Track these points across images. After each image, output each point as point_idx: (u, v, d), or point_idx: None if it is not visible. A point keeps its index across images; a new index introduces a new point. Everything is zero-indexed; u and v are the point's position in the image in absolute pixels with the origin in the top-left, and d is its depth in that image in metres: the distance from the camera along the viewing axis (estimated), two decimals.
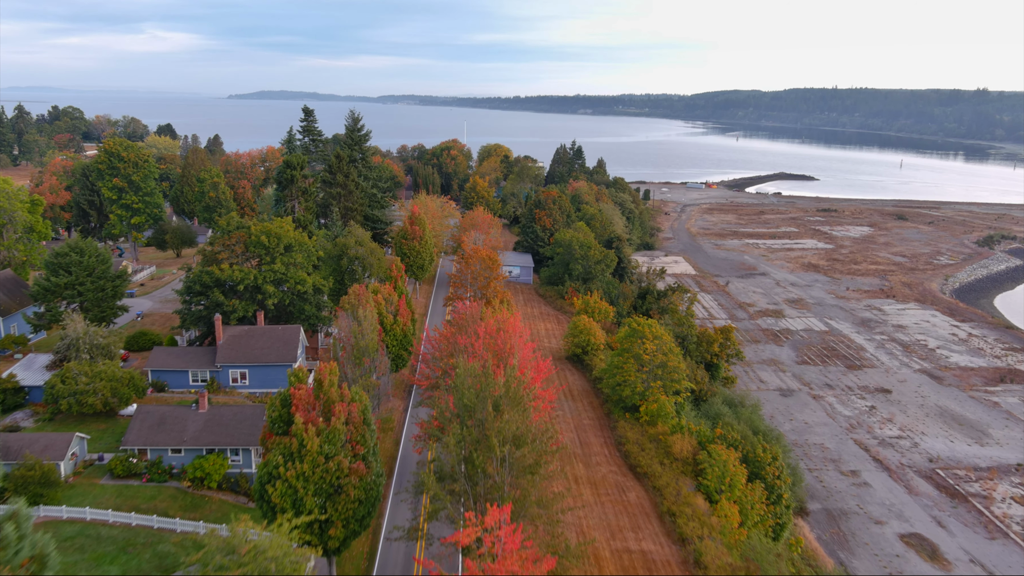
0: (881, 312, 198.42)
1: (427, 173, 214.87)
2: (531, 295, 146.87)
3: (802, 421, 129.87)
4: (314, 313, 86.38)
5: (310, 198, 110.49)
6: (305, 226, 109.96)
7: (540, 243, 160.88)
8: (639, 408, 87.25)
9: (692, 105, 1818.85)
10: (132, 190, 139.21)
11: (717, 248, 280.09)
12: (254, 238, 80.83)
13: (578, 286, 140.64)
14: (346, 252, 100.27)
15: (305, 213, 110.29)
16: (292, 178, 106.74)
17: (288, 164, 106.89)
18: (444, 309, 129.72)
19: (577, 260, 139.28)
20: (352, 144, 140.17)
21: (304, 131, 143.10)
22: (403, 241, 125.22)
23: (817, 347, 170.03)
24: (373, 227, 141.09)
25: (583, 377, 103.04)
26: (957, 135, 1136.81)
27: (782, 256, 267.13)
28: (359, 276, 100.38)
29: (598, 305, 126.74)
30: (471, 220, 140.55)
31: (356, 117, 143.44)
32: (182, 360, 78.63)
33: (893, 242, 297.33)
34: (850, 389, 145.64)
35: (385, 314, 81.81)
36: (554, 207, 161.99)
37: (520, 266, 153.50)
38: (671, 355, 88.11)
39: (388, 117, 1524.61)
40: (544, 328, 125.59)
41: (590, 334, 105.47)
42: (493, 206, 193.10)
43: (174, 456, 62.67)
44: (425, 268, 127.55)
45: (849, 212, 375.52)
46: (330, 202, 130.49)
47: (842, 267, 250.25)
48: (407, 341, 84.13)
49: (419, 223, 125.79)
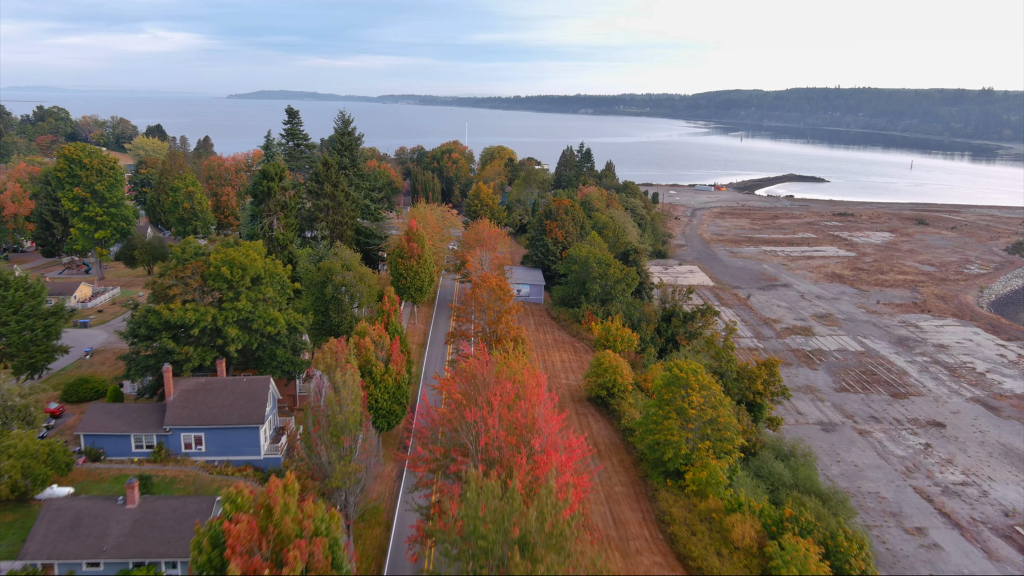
0: (918, 329, 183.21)
1: (426, 179, 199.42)
2: (543, 317, 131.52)
3: (851, 463, 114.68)
4: (289, 358, 71.22)
5: (291, 213, 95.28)
6: (284, 246, 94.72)
7: (551, 257, 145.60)
8: (683, 474, 72.03)
9: (694, 105, 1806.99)
10: (96, 201, 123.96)
11: (733, 256, 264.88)
12: (213, 270, 65.79)
13: (595, 308, 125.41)
14: (331, 278, 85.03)
15: (285, 230, 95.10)
16: (269, 190, 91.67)
17: (264, 175, 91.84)
18: (445, 334, 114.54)
19: (594, 279, 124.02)
20: (342, 149, 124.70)
21: (288, 135, 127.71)
22: (399, 260, 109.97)
23: (855, 371, 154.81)
24: (366, 242, 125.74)
25: (609, 425, 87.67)
26: (964, 135, 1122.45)
27: (803, 265, 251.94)
28: (346, 307, 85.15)
29: (620, 333, 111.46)
30: (475, 234, 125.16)
31: (346, 119, 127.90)
32: (123, 421, 63.65)
33: (918, 249, 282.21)
34: (899, 423, 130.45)
35: (374, 361, 66.69)
36: (566, 218, 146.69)
37: (530, 284, 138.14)
38: (721, 408, 72.80)
39: (388, 117, 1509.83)
40: (560, 360, 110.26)
41: (616, 373, 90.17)
42: (498, 215, 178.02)
43: (91, 571, 47.55)
44: (424, 290, 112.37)
45: (867, 216, 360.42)
46: (317, 215, 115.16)
47: (868, 277, 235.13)
48: (401, 393, 68.98)
49: (417, 240, 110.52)
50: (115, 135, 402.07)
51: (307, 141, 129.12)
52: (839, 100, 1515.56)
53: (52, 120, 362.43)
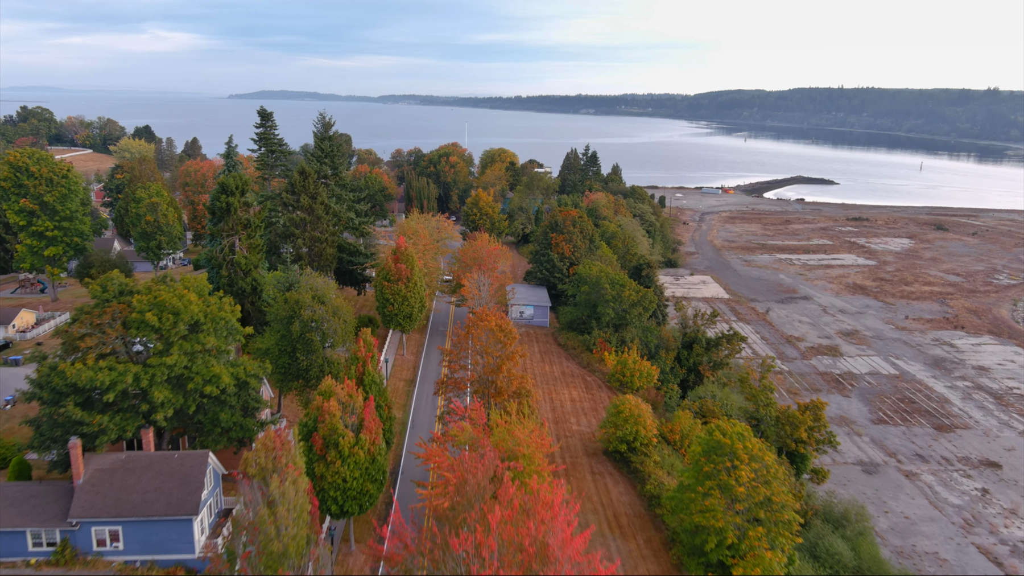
0: (954, 348, 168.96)
1: (421, 186, 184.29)
2: (548, 344, 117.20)
3: (900, 514, 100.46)
4: (238, 421, 57.00)
5: (256, 232, 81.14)
6: (248, 271, 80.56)
7: (557, 274, 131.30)
8: (729, 566, 57.80)
9: (696, 105, 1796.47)
10: (46, 214, 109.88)
11: (747, 265, 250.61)
12: (136, 316, 51.81)
13: (608, 334, 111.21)
14: (298, 313, 70.89)
15: (249, 253, 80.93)
16: (229, 207, 77.59)
17: (223, 188, 77.71)
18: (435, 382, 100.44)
19: (607, 302, 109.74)
20: (322, 156, 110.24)
21: (260, 140, 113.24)
22: (385, 284, 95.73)
23: (891, 398, 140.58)
24: (350, 261, 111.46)
25: (631, 488, 73.37)
26: (971, 135, 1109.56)
27: (822, 275, 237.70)
28: (316, 347, 70.98)
29: (638, 367, 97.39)
30: (472, 251, 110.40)
31: (327, 121, 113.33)
32: (17, 511, 49.67)
33: (940, 257, 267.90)
34: (948, 462, 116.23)
35: (341, 431, 52.66)
36: (574, 230, 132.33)
37: (534, 304, 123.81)
38: (775, 483, 58.57)
39: (388, 117, 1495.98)
40: (569, 399, 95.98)
41: (638, 423, 75.94)
42: (498, 224, 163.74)
43: None
44: (414, 317, 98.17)
45: (882, 221, 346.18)
46: (292, 231, 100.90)
47: (892, 288, 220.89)
48: (377, 468, 54.91)
49: (406, 260, 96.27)
50: (102, 136, 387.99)
51: (282, 147, 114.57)
52: (843, 100, 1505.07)
53: (35, 121, 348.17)
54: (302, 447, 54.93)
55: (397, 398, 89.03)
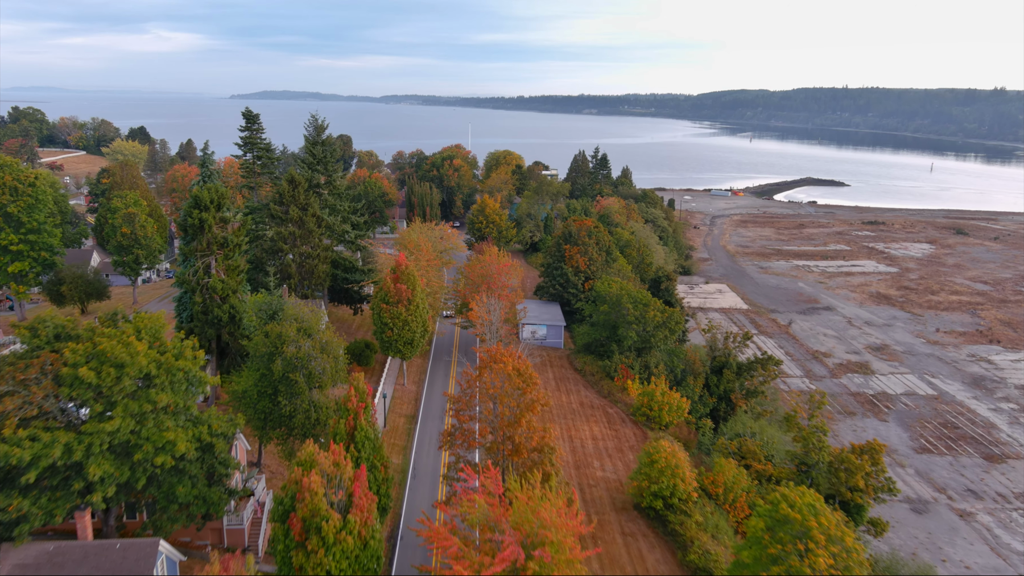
0: (992, 365, 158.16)
1: (423, 191, 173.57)
2: (564, 369, 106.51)
3: (960, 564, 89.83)
4: (201, 494, 46.24)
5: (234, 252, 70.61)
6: (225, 297, 70.07)
7: (572, 289, 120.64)
8: None
9: (699, 105, 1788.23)
10: (10, 226, 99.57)
11: (764, 272, 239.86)
12: (68, 371, 41.40)
13: (631, 359, 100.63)
14: (280, 349, 60.43)
15: (228, 276, 70.43)
16: (202, 224, 67.15)
17: (196, 203, 67.24)
18: (444, 398, 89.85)
19: (629, 323, 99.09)
20: (313, 163, 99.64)
21: (246, 144, 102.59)
22: (384, 307, 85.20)
23: (932, 423, 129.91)
24: (345, 278, 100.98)
25: (669, 555, 62.69)
26: (978, 136, 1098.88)
27: (843, 283, 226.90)
28: (301, 389, 60.46)
29: (666, 400, 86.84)
30: (480, 268, 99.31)
31: (319, 124, 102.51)
32: None
33: (964, 264, 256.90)
34: (1004, 499, 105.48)
35: (325, 512, 42.25)
36: (589, 241, 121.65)
37: (547, 323, 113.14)
38: (857, 568, 48.05)
39: (390, 117, 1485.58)
40: (590, 436, 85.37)
41: (676, 475, 65.29)
42: (506, 232, 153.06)
43: None
44: (415, 343, 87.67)
45: (899, 225, 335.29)
46: (281, 246, 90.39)
47: (918, 298, 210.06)
48: (370, 555, 44.37)
49: (406, 279, 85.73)
50: (95, 137, 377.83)
51: (270, 152, 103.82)
52: (847, 100, 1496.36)
53: (26, 122, 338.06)
54: (277, 530, 44.51)
55: (396, 439, 78.50)
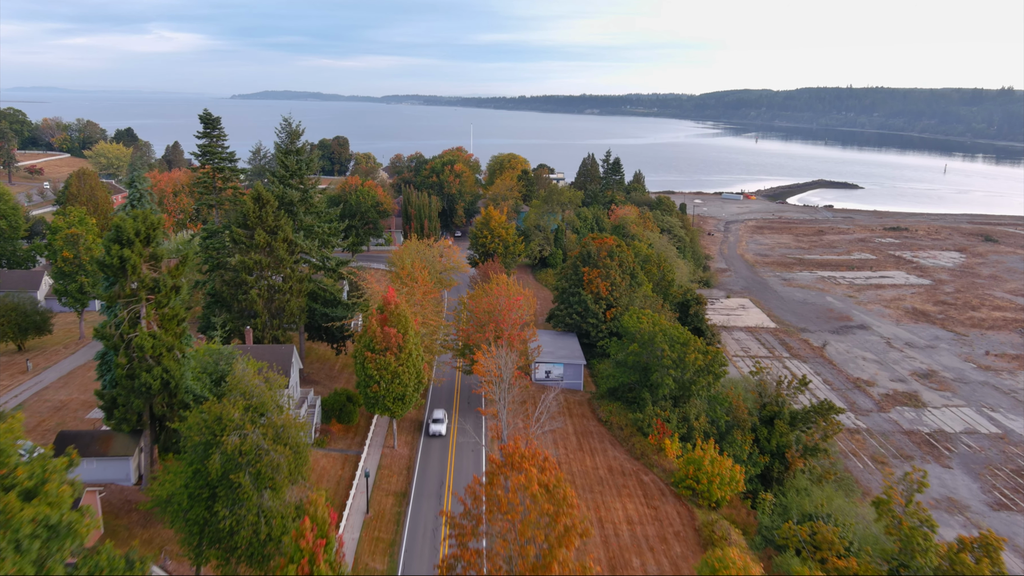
0: None
1: (421, 202, 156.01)
2: (586, 420, 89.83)
3: None
4: None
5: (171, 296, 54.01)
6: (158, 358, 53.62)
7: (591, 319, 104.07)
8: None
9: (702, 105, 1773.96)
10: None
11: (787, 284, 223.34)
12: None
13: (667, 410, 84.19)
14: (219, 440, 44.24)
15: (164, 329, 54.10)
16: (123, 263, 50.52)
17: (116, 236, 50.40)
18: (442, 464, 73.54)
19: (665, 368, 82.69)
20: (286, 176, 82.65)
21: (204, 154, 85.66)
22: (369, 355, 68.80)
23: (1003, 470, 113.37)
24: (325, 315, 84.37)
25: None
26: (987, 136, 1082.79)
27: (874, 297, 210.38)
28: (248, 495, 44.19)
29: (717, 468, 70.55)
30: (487, 303, 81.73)
31: (294, 130, 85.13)
32: None
33: (1001, 275, 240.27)
34: None
35: None
36: (611, 263, 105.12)
37: (565, 361, 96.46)
38: None
39: (391, 118, 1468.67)
40: (624, 516, 68.88)
41: None
42: (513, 248, 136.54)
43: None
44: (408, 399, 71.33)
45: (923, 231, 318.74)
46: (244, 278, 73.99)
47: (958, 315, 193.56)
48: None
49: (396, 321, 69.32)
50: (81, 139, 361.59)
51: (232, 162, 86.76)
52: (852, 100, 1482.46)
53: (5, 123, 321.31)
54: None
55: (382, 530, 62.04)
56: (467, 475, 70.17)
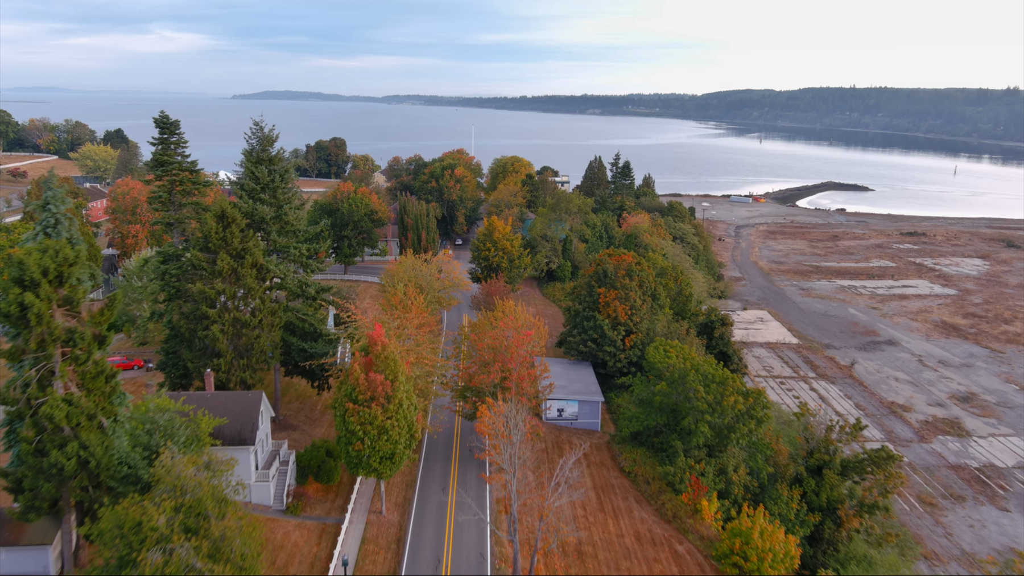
0: None
1: (419, 212, 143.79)
2: (606, 470, 77.82)
3: None
4: None
5: (91, 350, 42.35)
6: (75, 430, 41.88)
7: (608, 347, 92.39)
8: None
9: (704, 105, 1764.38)
10: None
11: (806, 295, 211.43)
12: None
13: (702, 463, 72.38)
14: (139, 558, 32.56)
15: (89, 388, 42.47)
16: (24, 311, 38.91)
17: (19, 276, 39.18)
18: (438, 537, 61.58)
19: (700, 412, 70.91)
20: (256, 189, 70.34)
21: (158, 165, 73.63)
22: (350, 407, 57.11)
23: None
24: (302, 350, 72.50)
25: None
26: (993, 136, 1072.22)
27: (899, 309, 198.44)
28: None
29: (770, 540, 58.60)
30: (493, 338, 69.05)
31: (267, 135, 72.90)
32: None
33: None
34: None
35: None
36: (631, 283, 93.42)
37: (579, 398, 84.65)
38: None
39: (392, 118, 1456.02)
40: None
41: None
42: (519, 262, 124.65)
43: None
44: (397, 458, 59.49)
45: (941, 236, 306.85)
46: (204, 311, 62.28)
47: (991, 329, 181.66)
48: None
49: (384, 366, 57.60)
50: (69, 141, 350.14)
51: (194, 174, 74.74)
52: (856, 100, 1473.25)
53: None
54: None
55: None
56: (468, 554, 58.26)
